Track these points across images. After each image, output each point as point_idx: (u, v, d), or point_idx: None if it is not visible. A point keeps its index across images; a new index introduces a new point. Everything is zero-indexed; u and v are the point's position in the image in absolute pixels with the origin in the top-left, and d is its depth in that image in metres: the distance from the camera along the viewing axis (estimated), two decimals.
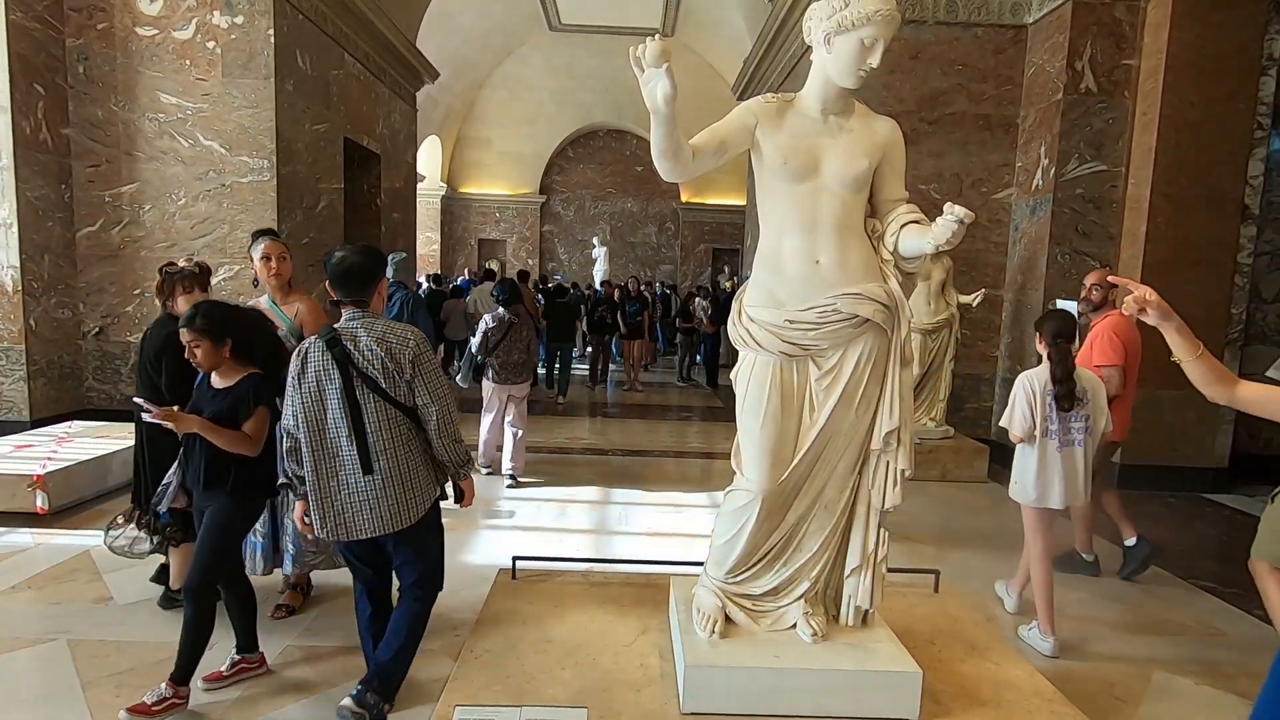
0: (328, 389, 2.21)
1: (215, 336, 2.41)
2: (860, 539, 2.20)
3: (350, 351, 2.21)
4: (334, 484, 2.22)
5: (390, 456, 2.22)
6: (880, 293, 2.07)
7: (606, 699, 2.07)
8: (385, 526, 2.23)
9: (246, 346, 2.51)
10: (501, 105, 16.88)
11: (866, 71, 2.00)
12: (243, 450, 2.45)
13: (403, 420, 2.25)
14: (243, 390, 2.48)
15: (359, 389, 2.21)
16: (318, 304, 3.16)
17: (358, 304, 2.30)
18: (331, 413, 2.21)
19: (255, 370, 2.54)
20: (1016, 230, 6.49)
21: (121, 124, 6.09)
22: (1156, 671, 2.97)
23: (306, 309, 3.05)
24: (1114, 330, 3.70)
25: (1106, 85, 5.88)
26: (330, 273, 2.30)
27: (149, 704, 2.32)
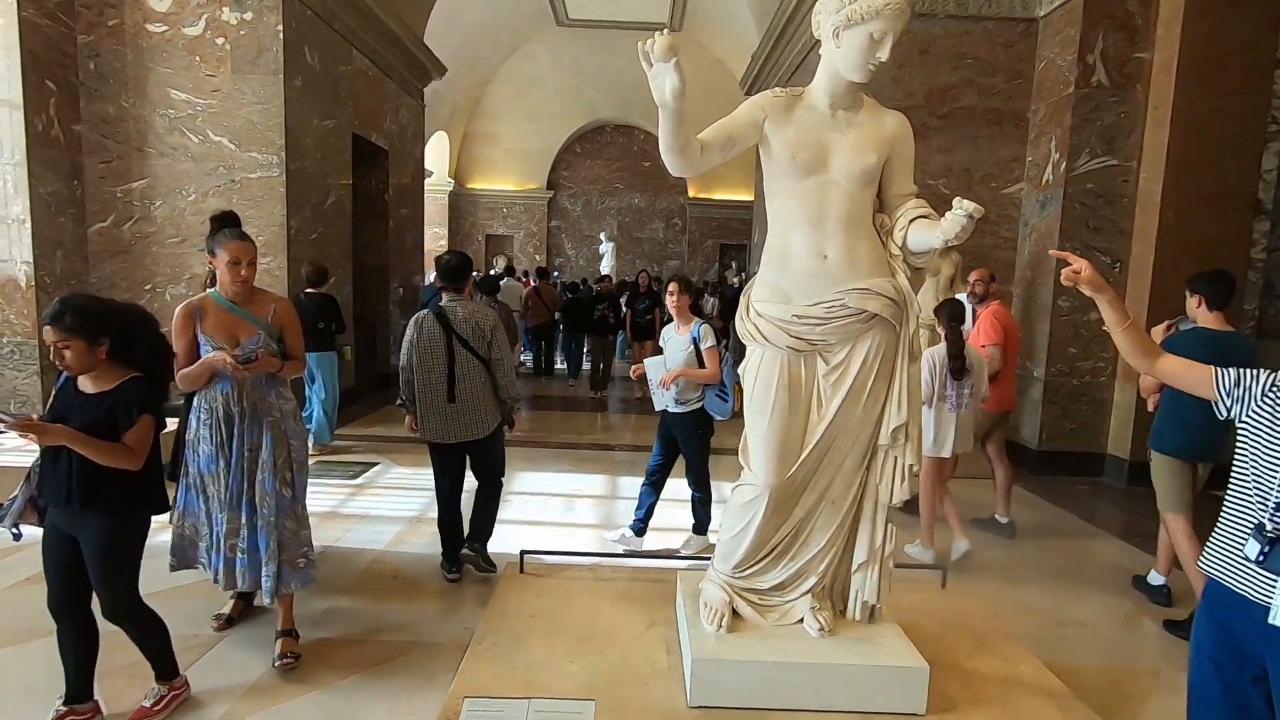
0: (436, 345, 3.34)
1: (89, 336, 2.10)
2: (867, 534, 2.21)
3: (451, 321, 3.36)
4: (433, 407, 3.36)
5: (468, 391, 3.36)
6: (888, 288, 2.06)
7: (614, 692, 2.09)
8: (462, 436, 3.39)
9: (126, 346, 2.21)
10: (508, 101, 16.87)
11: (875, 65, 2.00)
12: (122, 464, 2.15)
13: (480, 368, 3.39)
14: (122, 396, 2.18)
15: (455, 346, 3.33)
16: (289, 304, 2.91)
17: (456, 290, 3.48)
18: (436, 360, 3.34)
19: (135, 374, 2.24)
20: (1026, 225, 6.45)
21: (132, 120, 6.12)
22: (1165, 668, 2.96)
23: (284, 309, 2.82)
24: (994, 316, 4.56)
25: (1118, 79, 5.82)
26: (440, 269, 3.55)
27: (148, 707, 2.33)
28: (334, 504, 4.64)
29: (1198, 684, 1.70)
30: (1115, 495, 5.63)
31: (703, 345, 3.75)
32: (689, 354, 3.76)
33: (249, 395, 2.66)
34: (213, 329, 2.62)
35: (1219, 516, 1.67)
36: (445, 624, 3.09)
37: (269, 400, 2.71)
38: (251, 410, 2.66)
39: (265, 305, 2.77)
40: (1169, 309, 5.65)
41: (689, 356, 3.76)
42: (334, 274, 7.38)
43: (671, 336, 3.92)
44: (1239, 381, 1.63)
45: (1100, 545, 4.47)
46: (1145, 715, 2.63)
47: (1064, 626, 3.32)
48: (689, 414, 3.86)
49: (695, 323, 3.84)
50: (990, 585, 3.65)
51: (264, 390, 2.69)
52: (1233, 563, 1.57)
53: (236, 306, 2.67)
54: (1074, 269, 1.74)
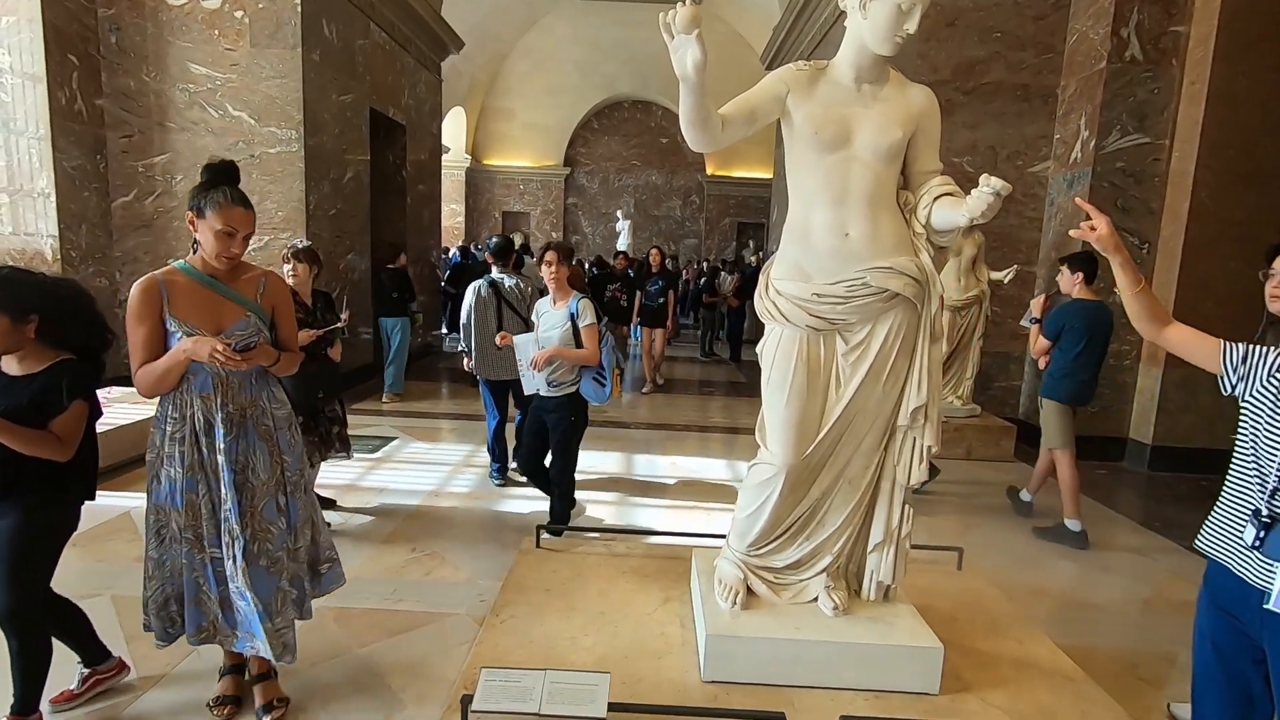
0: (489, 306, 4.48)
1: (13, 311, 1.92)
2: (884, 515, 2.20)
3: (500, 289, 4.54)
4: (485, 351, 4.42)
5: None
6: (911, 266, 2.03)
7: (628, 666, 2.11)
8: (509, 375, 4.28)
9: (56, 326, 2.02)
10: (526, 76, 16.74)
11: (903, 38, 1.94)
12: (49, 454, 1.98)
13: (521, 324, 4.35)
14: (51, 379, 2.00)
15: (500, 305, 4.50)
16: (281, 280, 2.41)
17: (502, 265, 4.70)
18: (489, 317, 4.45)
19: (67, 356, 2.06)
20: (1052, 205, 6.32)
21: (153, 94, 6.15)
22: (1183, 654, 2.93)
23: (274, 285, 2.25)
24: None
25: (1153, 53, 5.64)
26: (491, 249, 4.82)
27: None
28: (354, 477, 4.71)
29: (1200, 667, 1.70)
30: (1136, 480, 5.57)
31: (581, 323, 3.47)
32: (565, 332, 3.47)
33: (236, 398, 2.09)
34: (186, 311, 2.03)
35: (1219, 497, 1.64)
36: (462, 596, 3.14)
37: (260, 404, 2.16)
38: (239, 417, 2.10)
39: (252, 281, 2.19)
40: (1200, 290, 5.55)
41: (565, 334, 3.47)
42: (353, 250, 7.42)
43: (546, 311, 3.59)
44: (1245, 359, 1.59)
45: (1119, 530, 4.43)
46: (1161, 700, 2.63)
47: (1081, 610, 3.31)
48: (562, 398, 3.54)
49: (573, 297, 3.52)
50: (1006, 568, 3.64)
51: (255, 391, 2.14)
52: (1231, 546, 1.56)
53: (217, 282, 2.10)
54: (1091, 224, 1.69)
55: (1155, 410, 5.72)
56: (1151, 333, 1.73)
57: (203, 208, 2.05)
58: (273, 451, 2.16)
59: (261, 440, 2.14)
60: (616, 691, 1.80)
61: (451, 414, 6.62)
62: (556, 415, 3.58)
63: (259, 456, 2.13)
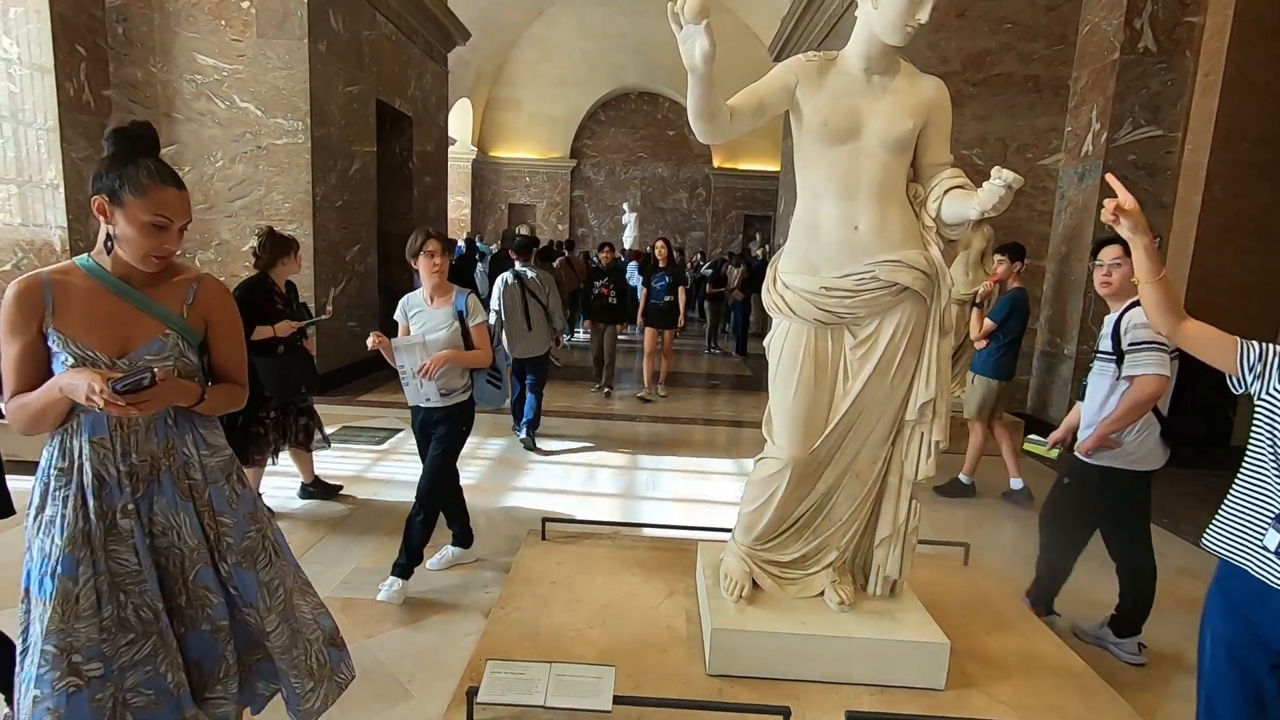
0: (516, 295, 5.21)
1: None
2: (891, 509, 2.19)
3: (524, 280, 5.27)
4: (516, 333, 5.19)
5: (538, 324, 5.29)
6: (920, 260, 2.01)
7: (634, 658, 2.11)
8: (533, 352, 5.32)
9: None
10: (532, 66, 16.67)
11: (914, 27, 1.92)
12: None
13: (540, 310, 5.31)
14: None
15: (525, 295, 5.23)
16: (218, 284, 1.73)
17: (525, 259, 5.48)
18: (516, 305, 5.20)
19: None
20: (1062, 198, 6.26)
21: (160, 85, 6.16)
22: (1190, 650, 2.92)
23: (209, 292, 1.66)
24: None
25: (1167, 44, 5.57)
26: (515, 246, 5.61)
27: None
28: (360, 468, 4.73)
29: (1212, 669, 1.66)
30: None
31: (471, 321, 3.06)
32: (453, 332, 3.01)
33: (143, 446, 1.55)
34: (78, 326, 1.49)
35: (1229, 495, 1.60)
36: (468, 588, 3.16)
37: (181, 453, 1.60)
38: (148, 471, 1.56)
39: (180, 287, 1.62)
40: (1212, 284, 5.49)
41: (453, 335, 3.01)
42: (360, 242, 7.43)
43: (420, 309, 3.09)
44: (1261, 357, 1.56)
45: None
46: (1168, 696, 2.62)
47: (1088, 606, 3.29)
48: (454, 408, 3.08)
49: (458, 292, 3.09)
50: (1013, 563, 3.62)
51: (173, 435, 1.59)
52: (1251, 550, 1.52)
53: (128, 287, 1.55)
54: (1119, 202, 1.62)
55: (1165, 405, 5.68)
56: (1169, 326, 1.68)
57: (119, 191, 1.49)
58: (203, 512, 1.62)
59: (184, 500, 1.59)
60: (622, 684, 1.81)
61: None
62: (447, 426, 3.09)
63: (183, 518, 1.59)
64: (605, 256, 7.81)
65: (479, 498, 4.34)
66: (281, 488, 4.27)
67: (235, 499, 1.69)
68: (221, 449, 1.70)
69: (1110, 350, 2.65)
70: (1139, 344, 2.51)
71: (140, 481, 1.56)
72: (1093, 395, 2.75)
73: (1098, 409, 2.70)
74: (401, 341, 3.00)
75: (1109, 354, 2.66)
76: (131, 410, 1.43)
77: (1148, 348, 2.50)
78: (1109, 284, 2.66)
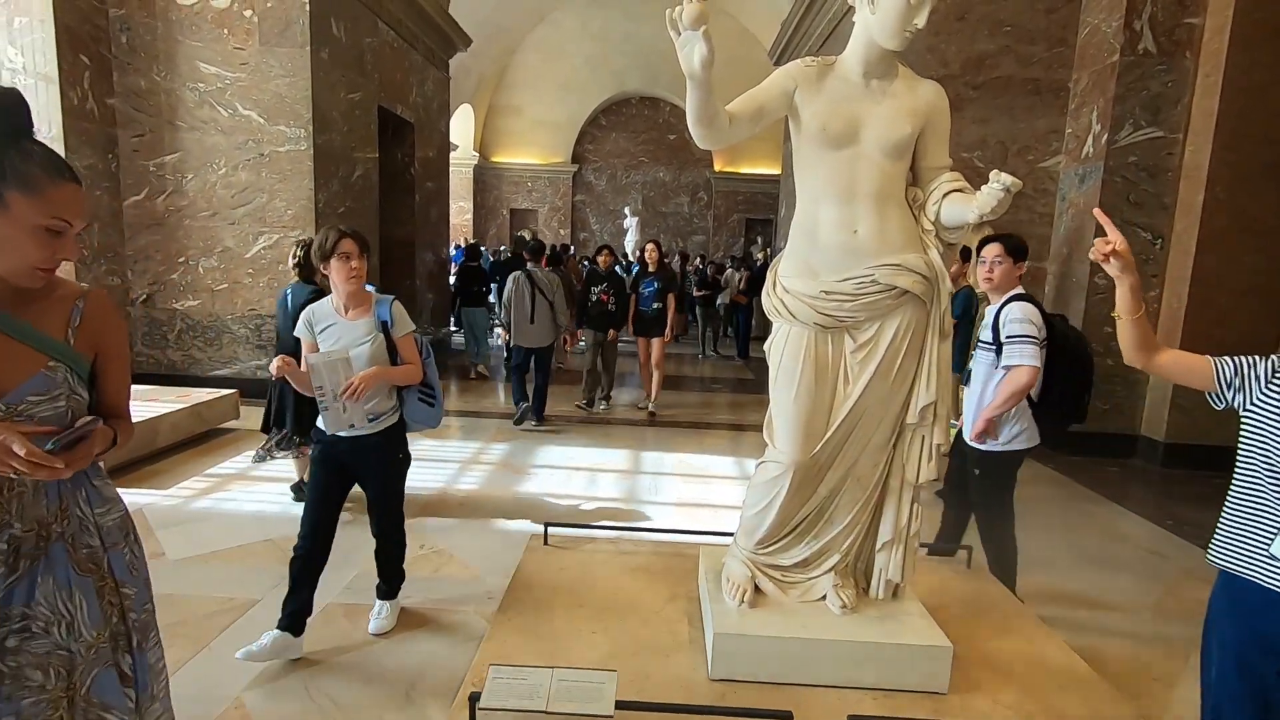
0: (525, 291, 6.00)
1: None
2: (893, 513, 2.18)
3: (534, 279, 6.05)
4: (521, 324, 6.00)
5: (540, 318, 6.04)
6: (920, 264, 2.01)
7: (636, 663, 2.11)
8: (537, 343, 6.10)
9: None
10: (533, 72, 16.73)
11: (912, 32, 1.92)
12: None
13: (548, 306, 6.06)
14: None
15: (534, 291, 6.00)
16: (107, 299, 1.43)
17: (535, 260, 6.24)
18: (524, 300, 5.99)
19: None
20: (1063, 200, 6.26)
21: (164, 93, 6.19)
22: (1195, 654, 2.91)
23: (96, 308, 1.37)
24: None
25: (1167, 46, 5.57)
26: (528, 249, 6.36)
27: None
28: None
29: (1220, 679, 1.66)
30: (1148, 477, 5.52)
31: (397, 332, 2.60)
32: (376, 346, 2.55)
33: (30, 509, 1.25)
34: None
35: (1225, 507, 1.61)
36: (470, 593, 3.16)
37: (76, 513, 1.32)
38: (34, 541, 1.26)
39: (60, 308, 1.32)
40: (1213, 285, 5.49)
41: (377, 350, 2.55)
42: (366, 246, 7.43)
43: (334, 323, 2.56)
44: (1238, 371, 1.59)
45: (1131, 528, 4.40)
46: (1173, 700, 2.61)
47: (1092, 610, 3.29)
48: (383, 434, 2.62)
49: (378, 300, 2.63)
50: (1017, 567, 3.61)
51: (67, 491, 1.31)
52: (1256, 558, 1.53)
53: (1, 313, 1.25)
54: (1108, 242, 1.63)
55: (1167, 407, 5.67)
56: (1144, 360, 1.71)
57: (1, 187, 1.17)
58: (103, 588, 1.31)
59: (82, 574, 1.28)
60: (624, 689, 1.80)
61: (459, 411, 6.65)
62: (379, 456, 2.63)
63: (80, 604, 1.27)
64: (604, 260, 6.83)
65: (481, 502, 4.35)
66: (285, 494, 4.28)
67: (135, 562, 1.38)
68: (116, 502, 1.38)
69: (990, 340, 2.87)
70: (1014, 337, 2.75)
71: (21, 558, 1.19)
72: (975, 382, 2.98)
73: (979, 395, 2.93)
74: (320, 358, 2.43)
75: (989, 344, 2.88)
76: (63, 471, 1.13)
77: (1022, 340, 2.74)
78: (990, 280, 2.90)
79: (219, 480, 4.45)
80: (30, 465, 1.11)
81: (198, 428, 5.18)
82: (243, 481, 4.47)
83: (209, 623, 2.80)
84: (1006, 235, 3.01)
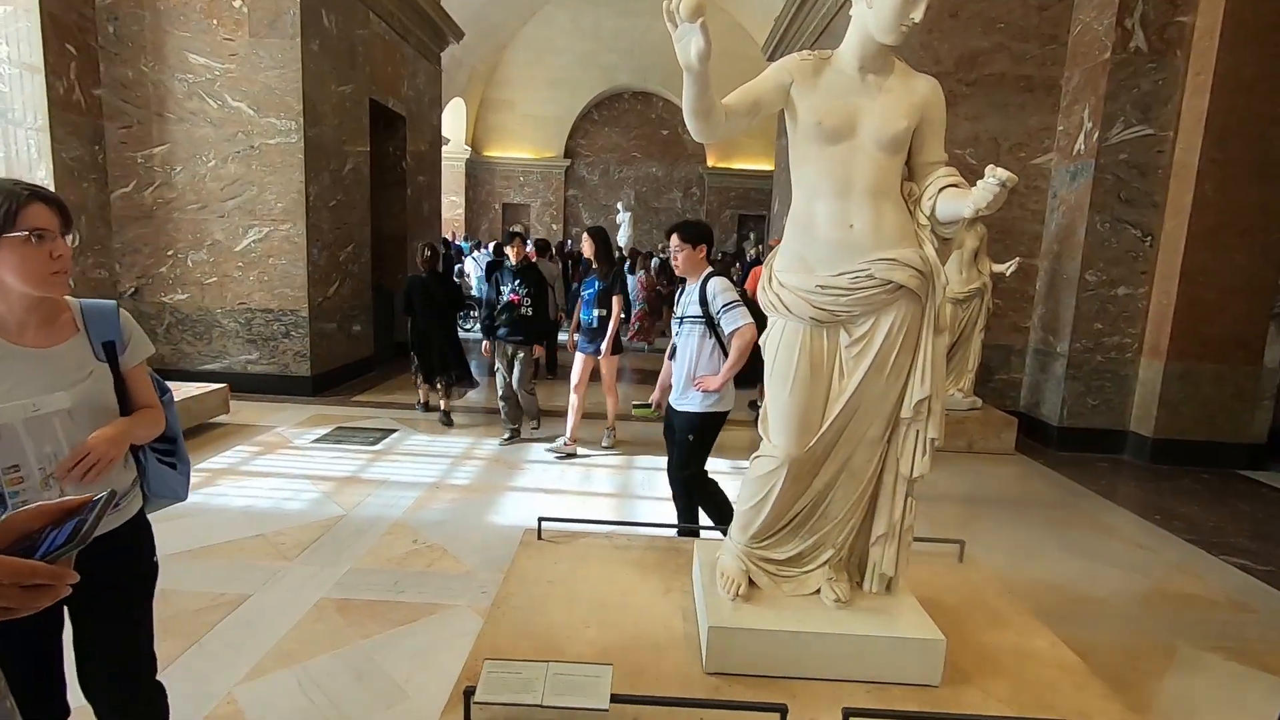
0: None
1: None
2: (887, 507, 2.19)
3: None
4: None
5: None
6: (915, 258, 2.02)
7: (631, 657, 2.11)
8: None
9: None
10: (526, 66, 16.66)
11: (909, 27, 1.92)
12: None
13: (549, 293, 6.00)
14: None
15: None
16: None
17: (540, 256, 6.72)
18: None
19: None
20: (1055, 197, 6.29)
21: (151, 84, 6.12)
22: (1183, 646, 2.95)
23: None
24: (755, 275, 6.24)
25: (1158, 44, 5.61)
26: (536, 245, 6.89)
27: None
28: (354, 469, 4.72)
29: None
30: (1137, 472, 5.58)
31: (130, 359, 1.64)
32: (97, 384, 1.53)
33: None
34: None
35: None
36: (464, 587, 3.15)
37: None
38: None
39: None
40: (1201, 282, 5.54)
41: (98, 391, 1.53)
42: (353, 242, 7.39)
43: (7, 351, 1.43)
44: None
45: (1120, 522, 4.44)
46: (1161, 691, 2.64)
47: (1081, 602, 3.32)
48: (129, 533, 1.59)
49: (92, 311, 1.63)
50: (1008, 561, 3.64)
51: None
52: None
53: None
54: None
55: (1156, 403, 5.72)
56: None
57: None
58: None
59: None
60: (619, 683, 1.80)
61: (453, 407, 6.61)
62: (125, 562, 1.58)
63: None
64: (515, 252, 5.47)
65: (475, 496, 4.34)
66: (277, 489, 4.25)
67: None
68: None
69: (698, 314, 3.25)
70: (728, 304, 3.16)
71: None
72: (684, 354, 3.30)
73: (691, 365, 3.26)
74: (14, 414, 1.37)
75: (698, 317, 3.25)
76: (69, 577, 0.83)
77: (735, 305, 3.16)
78: (678, 265, 3.32)
79: (209, 475, 4.42)
80: None
81: (187, 422, 5.14)
82: (233, 476, 4.44)
83: (200, 618, 2.78)
84: (682, 223, 3.38)
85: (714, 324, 3.21)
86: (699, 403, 3.24)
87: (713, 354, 3.24)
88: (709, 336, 3.24)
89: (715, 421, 3.31)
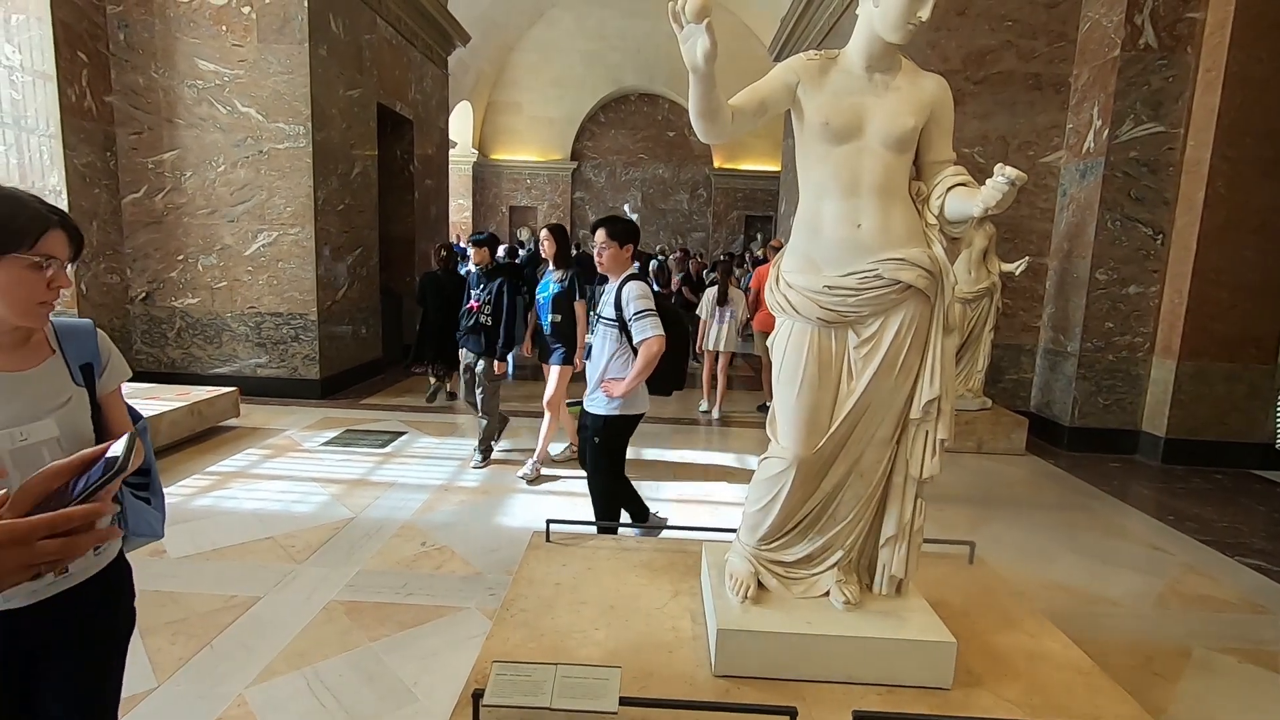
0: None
1: None
2: (897, 508, 2.18)
3: None
4: None
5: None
6: (924, 258, 2.00)
7: (640, 659, 2.11)
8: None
9: None
10: (532, 69, 16.68)
11: (916, 25, 1.91)
12: None
13: None
14: None
15: None
16: None
17: None
18: None
19: None
20: (1064, 195, 6.25)
21: (162, 91, 6.17)
22: (1197, 648, 2.91)
23: None
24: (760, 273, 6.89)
25: (1168, 40, 5.56)
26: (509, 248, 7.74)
27: None
28: (363, 471, 4.73)
29: None
30: (1149, 473, 5.53)
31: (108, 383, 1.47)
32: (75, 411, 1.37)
33: None
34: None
35: None
36: (473, 590, 3.16)
37: None
38: None
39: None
40: (1213, 280, 5.48)
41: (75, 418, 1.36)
42: (360, 248, 7.43)
43: None
44: None
45: (1132, 523, 4.40)
46: (1176, 695, 2.61)
47: (1094, 604, 3.29)
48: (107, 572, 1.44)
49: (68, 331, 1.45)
50: (1019, 562, 3.61)
51: None
52: None
53: None
54: None
55: (1169, 402, 5.67)
56: None
57: None
58: None
59: None
60: (627, 685, 1.80)
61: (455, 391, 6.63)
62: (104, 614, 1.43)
63: None
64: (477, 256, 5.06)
65: (483, 499, 4.35)
66: (286, 492, 4.27)
67: None
68: None
69: (613, 317, 3.18)
70: (640, 313, 3.08)
71: None
72: (598, 355, 3.26)
73: (603, 366, 3.22)
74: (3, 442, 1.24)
75: (611, 320, 3.19)
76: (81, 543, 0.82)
77: (647, 314, 3.08)
78: (602, 262, 3.24)
79: (220, 478, 4.45)
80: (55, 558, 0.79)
81: (198, 426, 5.18)
82: (243, 479, 4.47)
83: (211, 620, 2.79)
84: (610, 219, 3.30)
85: (626, 328, 3.16)
86: (604, 405, 3.21)
87: (624, 358, 3.20)
88: (621, 340, 3.20)
89: (622, 424, 3.27)
